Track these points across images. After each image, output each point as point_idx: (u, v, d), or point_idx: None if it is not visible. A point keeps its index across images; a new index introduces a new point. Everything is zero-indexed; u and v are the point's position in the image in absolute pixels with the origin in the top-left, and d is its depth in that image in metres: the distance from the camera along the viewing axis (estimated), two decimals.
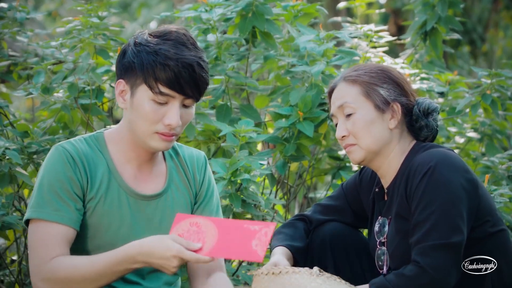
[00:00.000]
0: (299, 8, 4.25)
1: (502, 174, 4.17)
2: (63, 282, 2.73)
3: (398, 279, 2.84)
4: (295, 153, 4.01)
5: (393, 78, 3.07)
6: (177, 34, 2.82)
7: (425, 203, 2.86)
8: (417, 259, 2.82)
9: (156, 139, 2.83)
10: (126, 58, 2.83)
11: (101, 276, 2.72)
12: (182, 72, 2.75)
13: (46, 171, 2.83)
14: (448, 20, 4.58)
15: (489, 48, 11.52)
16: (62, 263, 2.74)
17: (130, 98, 2.83)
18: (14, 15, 4.45)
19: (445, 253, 2.81)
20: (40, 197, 2.80)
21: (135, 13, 12.62)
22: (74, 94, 4.07)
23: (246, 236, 2.64)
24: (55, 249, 2.76)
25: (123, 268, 2.71)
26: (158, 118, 2.80)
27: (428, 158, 2.92)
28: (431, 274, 2.80)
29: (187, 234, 2.69)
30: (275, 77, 4.31)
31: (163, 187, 2.96)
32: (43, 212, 2.78)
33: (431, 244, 2.82)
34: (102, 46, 4.16)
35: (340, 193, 3.27)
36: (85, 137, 2.92)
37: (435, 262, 2.80)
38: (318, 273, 2.78)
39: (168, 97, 2.79)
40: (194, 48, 2.81)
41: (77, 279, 2.73)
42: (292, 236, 3.16)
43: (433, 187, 2.87)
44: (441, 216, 2.83)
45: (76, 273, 2.73)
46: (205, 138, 4.13)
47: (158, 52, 2.77)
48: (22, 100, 9.49)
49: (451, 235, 2.82)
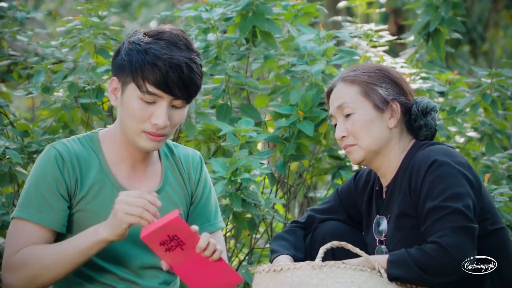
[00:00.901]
0: (299, 8, 4.25)
1: (502, 173, 4.17)
2: (33, 271, 2.74)
3: (419, 253, 2.81)
4: (295, 153, 4.01)
5: (392, 78, 3.07)
6: (170, 34, 2.81)
7: (436, 192, 2.84)
8: (437, 240, 2.80)
9: (143, 138, 2.83)
10: (119, 56, 2.84)
11: (67, 254, 2.71)
12: (170, 73, 2.75)
13: (35, 171, 2.86)
14: (451, 22, 4.58)
15: (489, 48, 11.52)
16: (29, 249, 2.77)
17: (120, 96, 2.84)
18: (14, 15, 4.45)
19: (465, 235, 2.80)
20: (26, 197, 2.83)
21: (135, 13, 12.61)
22: (74, 94, 4.07)
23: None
24: (27, 243, 2.78)
25: (89, 240, 2.70)
26: (146, 117, 2.80)
27: (432, 153, 2.93)
28: (452, 254, 2.78)
29: (168, 240, 2.68)
30: (275, 76, 4.31)
31: (158, 186, 2.96)
32: (25, 212, 2.81)
33: (450, 226, 2.80)
34: (102, 45, 4.16)
35: (335, 197, 3.27)
36: (79, 137, 2.94)
37: (456, 243, 2.78)
38: (320, 265, 2.76)
39: (155, 96, 2.78)
40: (187, 49, 2.80)
41: (46, 264, 2.73)
42: (295, 245, 3.16)
43: (442, 178, 2.86)
44: (454, 204, 2.82)
45: (45, 258, 2.74)
46: (205, 137, 4.13)
47: (147, 51, 2.77)
48: (22, 100, 9.48)
49: (468, 221, 2.81)
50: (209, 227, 3.04)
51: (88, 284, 2.87)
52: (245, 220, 3.84)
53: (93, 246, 2.71)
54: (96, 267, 2.87)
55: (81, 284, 2.87)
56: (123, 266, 2.88)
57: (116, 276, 2.88)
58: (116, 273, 2.87)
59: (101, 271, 2.87)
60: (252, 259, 4.33)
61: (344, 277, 2.76)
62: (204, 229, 3.01)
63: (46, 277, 2.75)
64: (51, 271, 2.74)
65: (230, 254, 4.24)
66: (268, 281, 2.78)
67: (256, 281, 2.81)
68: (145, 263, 2.90)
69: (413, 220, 2.94)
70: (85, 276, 2.87)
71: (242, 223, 3.82)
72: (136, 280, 2.90)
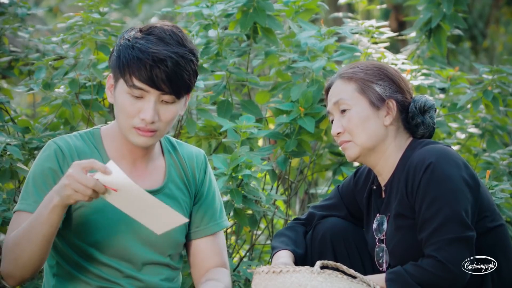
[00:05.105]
0: (300, 4, 4.24)
1: (503, 169, 4.17)
2: (12, 251, 2.75)
3: (416, 270, 2.84)
4: (296, 149, 4.01)
5: (389, 75, 3.07)
6: (160, 29, 2.81)
7: (430, 200, 2.86)
8: (433, 254, 2.82)
9: (134, 134, 2.84)
10: (113, 53, 2.86)
11: (32, 227, 2.70)
12: (154, 67, 2.75)
13: (35, 165, 2.88)
14: (453, 18, 4.58)
15: (490, 44, 11.50)
16: (12, 234, 2.77)
17: (114, 92, 2.85)
18: (15, 11, 4.45)
19: (460, 247, 2.82)
20: (25, 190, 2.85)
21: (136, 9, 12.60)
22: (75, 90, 4.08)
23: None
24: None
25: (46, 209, 2.68)
26: (135, 112, 2.81)
27: (427, 154, 2.93)
28: (449, 268, 2.80)
29: None
30: (276, 73, 4.31)
31: (161, 183, 2.96)
32: (23, 204, 2.83)
33: (445, 238, 2.82)
34: (103, 41, 4.16)
35: (336, 194, 3.27)
36: (81, 133, 2.94)
37: (452, 256, 2.81)
38: (319, 271, 2.78)
39: (142, 91, 2.79)
40: (176, 44, 2.80)
41: (18, 241, 2.73)
42: (295, 241, 3.16)
43: (436, 183, 2.87)
44: (449, 212, 2.83)
45: (18, 236, 2.74)
46: (206, 133, 4.13)
47: (134, 46, 2.78)
48: (23, 96, 9.48)
49: (464, 230, 2.83)
50: (214, 227, 3.04)
51: (91, 280, 2.87)
52: (246, 216, 3.84)
53: (50, 214, 2.68)
54: (98, 263, 2.87)
55: (84, 280, 2.87)
56: (126, 262, 2.88)
57: (119, 272, 2.88)
58: (119, 269, 2.88)
59: (104, 267, 2.87)
60: (253, 256, 4.33)
61: (340, 283, 2.77)
62: (209, 228, 3.02)
63: (23, 256, 2.73)
64: (25, 249, 2.72)
65: (231, 251, 4.24)
66: (268, 281, 2.79)
67: (256, 282, 2.82)
68: (148, 259, 2.90)
69: (411, 220, 2.94)
70: (88, 272, 2.87)
71: (243, 220, 3.82)
72: (139, 276, 2.90)
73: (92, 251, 2.86)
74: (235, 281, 3.74)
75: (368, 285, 2.81)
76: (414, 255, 2.90)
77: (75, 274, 2.87)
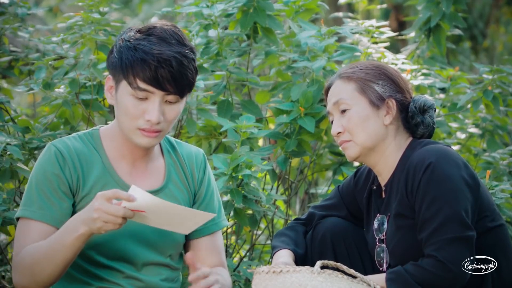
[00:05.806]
0: (300, 4, 4.24)
1: (503, 169, 4.17)
2: (30, 268, 2.74)
3: (416, 270, 2.84)
4: (296, 149, 4.01)
5: (388, 75, 3.07)
6: (160, 29, 2.81)
7: (430, 200, 2.86)
8: (433, 254, 2.83)
9: (138, 135, 2.83)
10: (112, 54, 2.84)
11: (55, 251, 2.71)
12: (159, 68, 2.74)
13: (36, 170, 2.86)
14: (452, 17, 4.58)
15: (490, 44, 11.50)
16: (27, 249, 2.77)
17: (115, 94, 2.84)
18: (15, 11, 4.45)
19: (461, 246, 2.82)
20: (28, 196, 2.84)
21: (136, 9, 12.60)
22: (75, 90, 4.07)
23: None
24: (30, 241, 2.79)
25: (71, 237, 2.68)
26: (139, 114, 2.80)
27: (427, 154, 2.93)
28: (449, 267, 2.81)
29: None
30: (276, 72, 4.31)
31: (161, 183, 2.96)
32: (28, 210, 2.82)
33: (445, 238, 2.82)
34: (103, 41, 4.16)
35: (336, 194, 3.27)
36: (80, 134, 2.93)
37: (452, 256, 2.81)
38: (319, 271, 2.77)
39: (147, 92, 2.78)
40: (178, 44, 2.79)
41: (38, 260, 2.73)
42: (295, 241, 3.16)
43: (436, 183, 2.87)
44: (449, 212, 2.84)
45: (36, 254, 2.74)
46: (206, 133, 4.13)
47: (136, 48, 2.77)
48: (23, 96, 9.48)
49: (464, 230, 2.83)
50: (213, 226, 3.04)
51: (92, 281, 2.87)
52: (246, 216, 3.84)
53: (74, 241, 2.70)
54: (99, 265, 2.87)
55: (85, 281, 2.87)
56: (126, 263, 2.88)
57: (119, 272, 2.87)
58: (119, 270, 2.87)
59: (105, 268, 2.87)
60: (253, 256, 4.34)
61: (341, 283, 2.77)
62: (208, 228, 3.02)
63: (42, 274, 2.74)
64: (45, 268, 2.73)
65: (231, 251, 4.24)
66: (268, 281, 2.79)
67: (256, 282, 2.82)
68: (148, 259, 2.90)
69: (411, 220, 2.95)
70: (89, 273, 2.87)
71: (243, 219, 3.82)
72: (139, 276, 2.90)
73: (91, 253, 2.86)
74: (235, 281, 3.74)
75: (369, 285, 2.81)
76: (414, 255, 2.90)
77: (75, 275, 2.87)
